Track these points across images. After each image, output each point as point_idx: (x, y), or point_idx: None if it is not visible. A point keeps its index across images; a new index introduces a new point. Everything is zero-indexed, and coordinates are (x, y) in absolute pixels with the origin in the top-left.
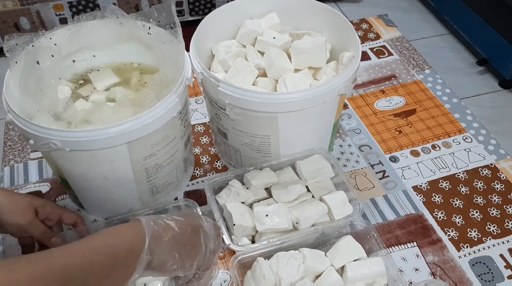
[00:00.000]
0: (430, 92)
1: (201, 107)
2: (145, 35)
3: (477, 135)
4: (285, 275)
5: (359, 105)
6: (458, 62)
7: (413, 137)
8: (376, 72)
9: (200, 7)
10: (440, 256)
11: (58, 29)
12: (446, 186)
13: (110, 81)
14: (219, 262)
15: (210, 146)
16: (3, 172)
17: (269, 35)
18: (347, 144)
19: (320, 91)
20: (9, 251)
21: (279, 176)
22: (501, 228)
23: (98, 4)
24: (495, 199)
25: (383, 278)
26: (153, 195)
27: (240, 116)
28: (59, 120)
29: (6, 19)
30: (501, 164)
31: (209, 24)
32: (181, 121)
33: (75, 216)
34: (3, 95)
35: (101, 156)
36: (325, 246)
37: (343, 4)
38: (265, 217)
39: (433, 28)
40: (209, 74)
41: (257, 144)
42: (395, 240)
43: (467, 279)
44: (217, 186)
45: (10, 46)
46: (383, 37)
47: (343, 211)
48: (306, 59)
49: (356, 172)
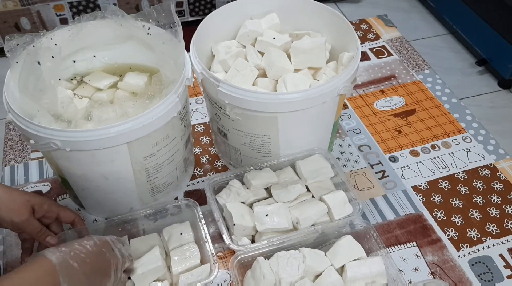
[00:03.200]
0: (429, 92)
1: (201, 107)
2: (145, 35)
3: (477, 135)
4: (285, 275)
5: (358, 105)
6: (457, 62)
7: (412, 137)
8: (376, 72)
9: (200, 8)
10: (439, 256)
11: (59, 30)
12: (446, 186)
13: (109, 80)
14: (219, 261)
15: (210, 146)
16: (3, 172)
17: (269, 36)
18: (346, 144)
19: (320, 91)
20: (9, 251)
21: (279, 176)
22: (500, 228)
23: (99, 5)
24: (495, 199)
25: (383, 278)
26: (153, 195)
27: (240, 116)
28: (59, 120)
29: (6, 19)
30: (500, 164)
31: (209, 24)
32: (181, 121)
33: (73, 215)
34: (4, 95)
35: (101, 156)
36: (325, 246)
37: (342, 5)
38: (265, 217)
39: (433, 29)
40: (209, 74)
41: (257, 144)
42: (394, 240)
43: (467, 279)
44: (217, 186)
45: (11, 46)
46: (383, 38)
47: (343, 211)
48: (306, 59)
49: (356, 172)
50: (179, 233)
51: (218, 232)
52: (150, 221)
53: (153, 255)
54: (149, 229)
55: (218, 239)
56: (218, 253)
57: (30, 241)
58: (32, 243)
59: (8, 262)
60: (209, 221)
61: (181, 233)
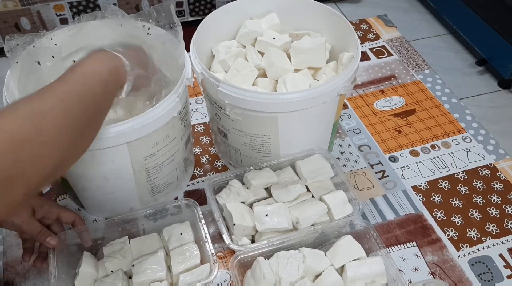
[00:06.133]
0: (429, 92)
1: (201, 107)
2: (145, 35)
3: (477, 135)
4: (285, 275)
5: (358, 105)
6: (457, 62)
7: (412, 137)
8: (376, 72)
9: (200, 8)
10: (439, 256)
11: (59, 30)
12: (446, 186)
13: None
14: (219, 261)
15: (210, 146)
16: None
17: (269, 36)
18: (346, 144)
19: (320, 91)
20: (10, 251)
21: (279, 176)
22: (500, 228)
23: (99, 5)
24: (495, 199)
25: (383, 278)
26: (153, 195)
27: (240, 116)
28: None
29: (6, 19)
30: (500, 164)
31: (209, 24)
32: (181, 121)
33: (73, 215)
34: (4, 95)
35: (101, 156)
36: (325, 246)
37: (342, 5)
38: (265, 216)
39: (433, 28)
40: (209, 74)
41: (257, 144)
42: (394, 239)
43: (467, 279)
44: (217, 186)
45: (11, 46)
46: (383, 38)
47: (343, 210)
48: (306, 59)
49: (356, 172)
50: (179, 233)
51: (218, 232)
52: (150, 221)
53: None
54: (149, 229)
55: (218, 239)
56: (218, 253)
57: (31, 241)
58: (33, 243)
59: (8, 262)
60: (209, 221)
61: (181, 233)
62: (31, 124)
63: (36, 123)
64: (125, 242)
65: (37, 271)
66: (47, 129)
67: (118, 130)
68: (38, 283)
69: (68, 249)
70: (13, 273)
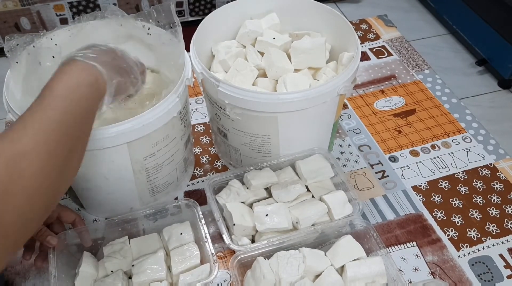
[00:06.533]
0: (429, 92)
1: (201, 107)
2: (145, 35)
3: (477, 135)
4: (285, 275)
5: (358, 105)
6: (457, 62)
7: (412, 137)
8: (376, 72)
9: (200, 8)
10: (439, 256)
11: (59, 30)
12: (446, 186)
13: None
14: (219, 261)
15: (210, 146)
16: None
17: (269, 36)
18: (346, 144)
19: (320, 91)
20: None
21: (279, 176)
22: (500, 228)
23: (99, 5)
24: (495, 199)
25: (383, 278)
26: (153, 195)
27: (240, 116)
28: None
29: (6, 19)
30: (500, 164)
31: (209, 24)
32: (181, 121)
33: (73, 215)
34: (4, 95)
35: (101, 156)
36: (325, 246)
37: (342, 5)
38: (265, 217)
39: (433, 28)
40: (209, 74)
41: (257, 144)
42: (394, 239)
43: (467, 279)
44: (217, 186)
45: (11, 46)
46: (383, 38)
47: (343, 211)
48: (306, 59)
49: (356, 172)
50: (179, 233)
51: (218, 232)
52: (150, 221)
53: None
54: (149, 229)
55: (218, 239)
56: (218, 253)
57: (31, 240)
58: (33, 242)
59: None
60: (209, 221)
61: (181, 233)
62: (12, 170)
63: (17, 167)
64: (125, 242)
65: (37, 271)
66: (29, 173)
67: (118, 130)
68: (38, 283)
69: (68, 249)
70: (13, 273)
